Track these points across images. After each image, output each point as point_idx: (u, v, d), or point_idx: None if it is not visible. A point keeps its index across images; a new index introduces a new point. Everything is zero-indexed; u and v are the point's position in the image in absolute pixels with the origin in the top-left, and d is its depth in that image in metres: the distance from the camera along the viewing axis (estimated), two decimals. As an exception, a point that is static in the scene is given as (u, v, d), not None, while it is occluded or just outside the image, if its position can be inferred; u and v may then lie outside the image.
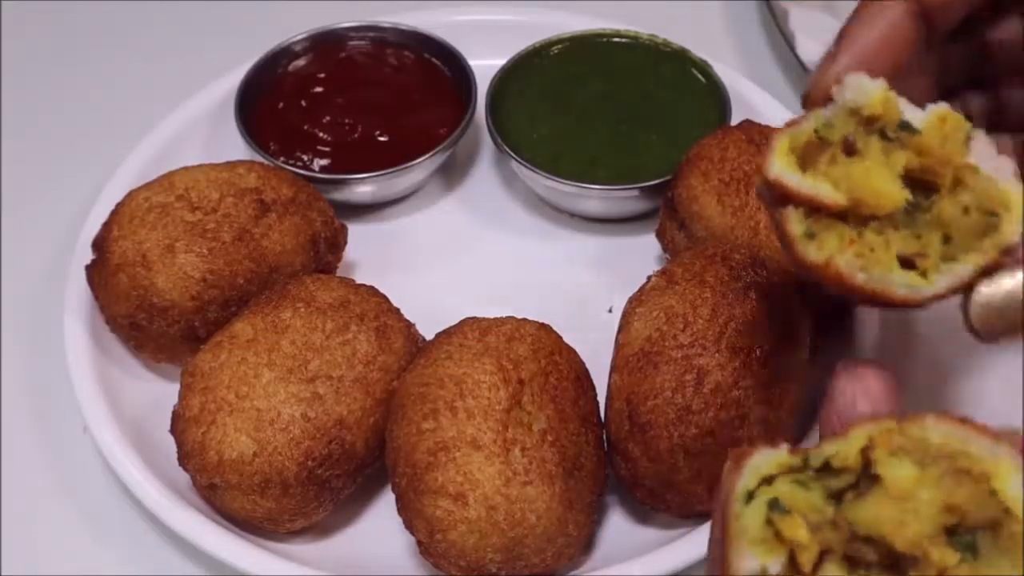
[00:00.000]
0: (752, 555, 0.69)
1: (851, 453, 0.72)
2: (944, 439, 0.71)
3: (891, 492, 0.70)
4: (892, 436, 0.72)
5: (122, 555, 1.17)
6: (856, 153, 0.82)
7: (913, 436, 0.72)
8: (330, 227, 1.28)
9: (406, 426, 1.06)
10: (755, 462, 0.73)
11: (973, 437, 0.71)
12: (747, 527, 0.70)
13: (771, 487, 0.72)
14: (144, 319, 1.18)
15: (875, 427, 0.72)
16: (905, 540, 0.69)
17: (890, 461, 0.71)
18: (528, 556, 1.03)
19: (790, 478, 0.72)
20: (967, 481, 0.70)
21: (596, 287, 1.35)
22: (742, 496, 0.71)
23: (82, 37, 1.69)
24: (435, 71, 1.49)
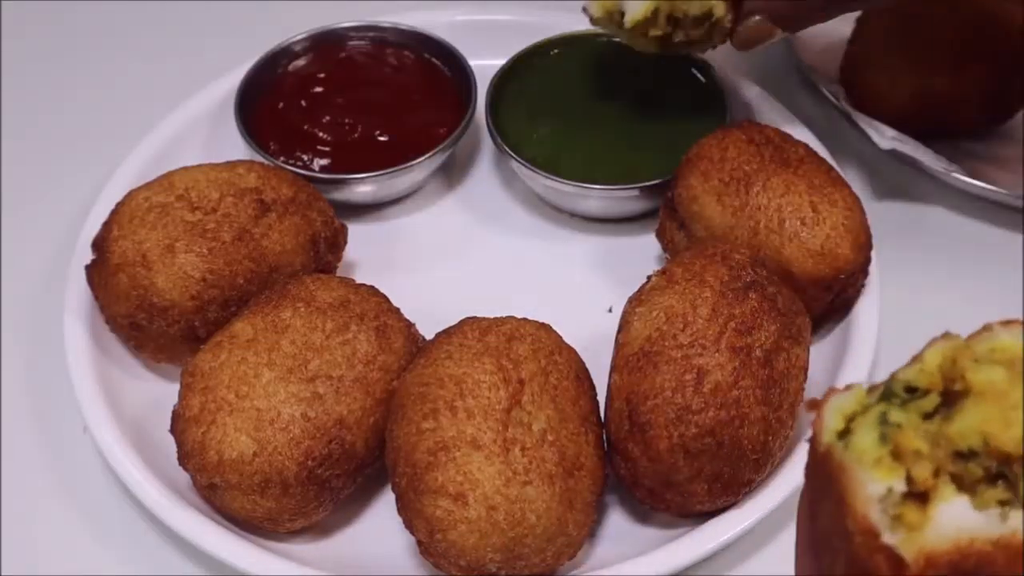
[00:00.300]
0: (875, 478, 0.65)
1: (932, 371, 0.69)
2: (1016, 343, 0.69)
3: (987, 396, 0.67)
4: (966, 350, 0.69)
5: (122, 555, 1.17)
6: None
7: (985, 347, 0.69)
8: (330, 227, 1.28)
9: (406, 426, 1.06)
10: (835, 403, 0.69)
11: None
12: (863, 450, 0.66)
13: (859, 418, 0.68)
14: (144, 319, 1.18)
15: (946, 344, 0.70)
16: (1014, 439, 0.66)
17: (977, 366, 0.68)
18: (528, 556, 1.03)
19: (878, 408, 0.69)
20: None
21: (596, 287, 1.35)
22: (834, 437, 0.68)
23: (82, 37, 1.69)
24: (435, 71, 1.49)
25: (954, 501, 0.66)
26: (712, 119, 1.40)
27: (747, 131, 1.29)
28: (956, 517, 0.66)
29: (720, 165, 1.25)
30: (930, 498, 0.66)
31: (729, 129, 1.30)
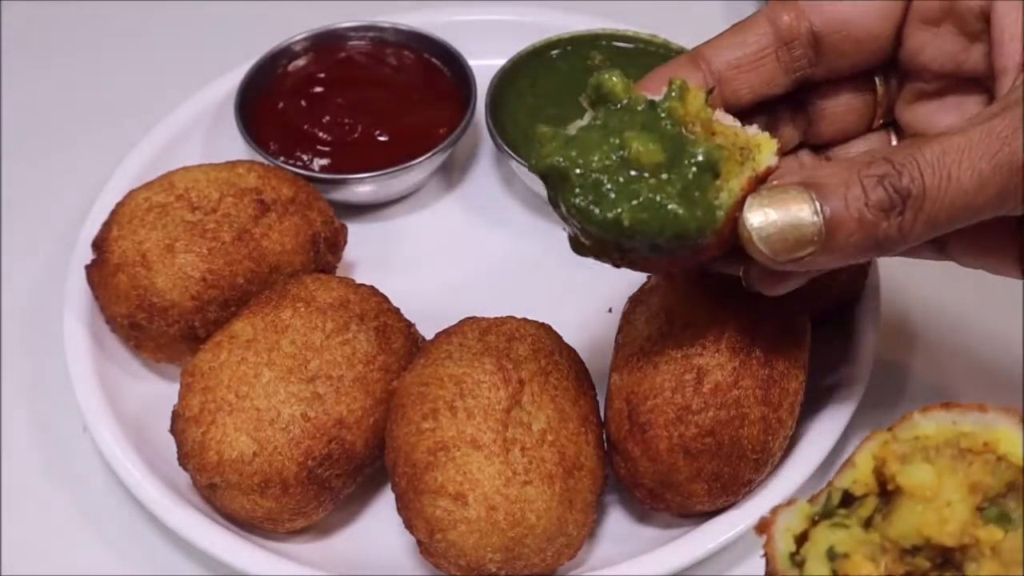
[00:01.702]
0: None
1: (866, 477, 0.72)
2: (937, 428, 0.72)
3: (919, 496, 0.70)
4: (892, 445, 0.72)
5: (122, 555, 1.17)
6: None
7: (909, 437, 0.72)
8: (330, 227, 1.28)
9: (406, 426, 1.06)
10: (783, 525, 0.72)
11: (962, 416, 0.72)
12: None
13: (810, 541, 0.72)
14: (144, 319, 1.18)
15: (875, 444, 0.72)
16: (951, 535, 0.69)
17: (905, 470, 0.71)
18: (528, 556, 1.03)
19: (825, 525, 0.72)
20: (975, 459, 0.70)
21: (596, 287, 1.35)
22: (787, 561, 0.71)
23: (82, 37, 1.69)
24: (435, 71, 1.49)
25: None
26: (712, 119, 1.40)
27: (747, 131, 1.28)
28: None
29: None
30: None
31: (729, 129, 1.30)
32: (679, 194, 0.91)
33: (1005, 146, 0.86)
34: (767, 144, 0.94)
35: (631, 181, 0.92)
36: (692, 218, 0.91)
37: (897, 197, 0.86)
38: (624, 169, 0.92)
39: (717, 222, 0.91)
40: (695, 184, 0.91)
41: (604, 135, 0.94)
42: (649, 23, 1.50)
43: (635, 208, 0.91)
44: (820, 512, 0.73)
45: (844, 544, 0.71)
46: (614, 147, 0.93)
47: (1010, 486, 0.70)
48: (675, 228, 0.91)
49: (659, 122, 0.93)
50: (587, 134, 0.94)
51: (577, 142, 0.94)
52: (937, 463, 0.71)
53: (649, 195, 0.91)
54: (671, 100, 0.93)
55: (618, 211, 0.91)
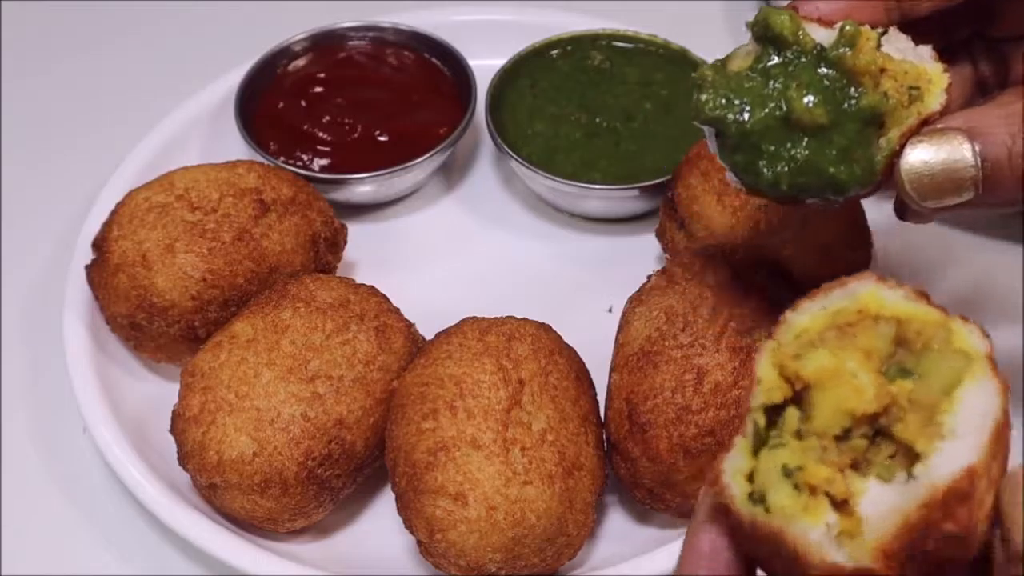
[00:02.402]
0: (811, 525, 0.68)
1: (774, 384, 0.72)
2: (811, 318, 0.73)
3: (826, 380, 0.71)
4: (780, 350, 0.73)
5: (122, 555, 1.17)
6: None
7: (791, 337, 0.73)
8: (330, 227, 1.28)
9: (406, 426, 1.06)
10: (731, 469, 0.72)
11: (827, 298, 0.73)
12: (784, 508, 0.68)
13: (759, 473, 0.71)
14: (144, 319, 1.18)
15: (766, 355, 0.73)
16: (869, 401, 0.70)
17: (802, 363, 0.71)
18: (528, 556, 1.03)
19: (765, 452, 0.71)
20: (856, 329, 0.72)
21: (596, 287, 1.35)
22: (747, 502, 0.70)
23: (82, 37, 1.69)
24: (435, 71, 1.49)
25: (868, 489, 0.68)
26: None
27: (747, 131, 1.28)
28: (876, 502, 0.68)
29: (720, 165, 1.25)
30: (851, 502, 0.68)
31: (729, 129, 1.30)
32: (840, 154, 0.89)
33: None
34: (937, 81, 0.90)
35: (792, 143, 0.90)
36: (852, 177, 0.89)
37: None
38: (785, 129, 0.90)
39: (877, 173, 0.90)
40: (857, 141, 0.89)
41: (767, 88, 0.91)
42: (649, 23, 1.50)
43: (794, 172, 0.90)
44: (754, 441, 0.72)
45: (792, 459, 0.70)
46: (776, 103, 0.90)
47: (898, 340, 0.71)
48: (835, 187, 0.90)
49: (826, 76, 0.89)
50: (750, 83, 0.91)
51: (738, 91, 0.91)
52: (827, 345, 0.71)
53: (810, 159, 0.89)
54: (840, 49, 0.89)
55: (776, 174, 0.90)
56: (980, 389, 0.70)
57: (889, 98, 0.89)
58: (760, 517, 0.69)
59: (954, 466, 0.67)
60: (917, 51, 0.92)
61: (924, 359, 0.71)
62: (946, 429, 0.68)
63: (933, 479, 0.67)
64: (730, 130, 0.91)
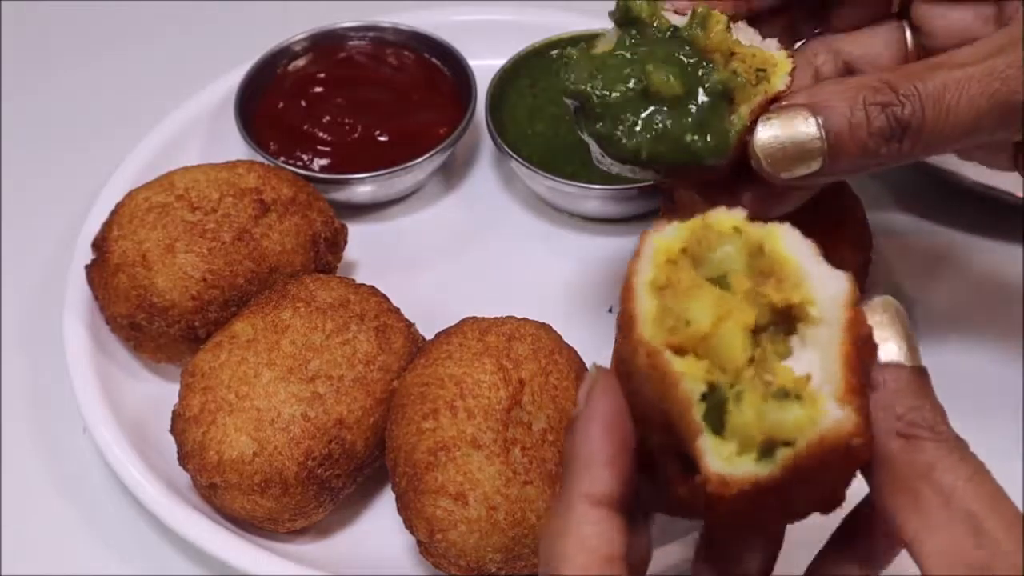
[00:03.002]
0: (829, 411, 0.71)
1: (700, 372, 0.72)
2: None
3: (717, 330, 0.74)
4: (665, 334, 0.74)
5: (122, 555, 1.17)
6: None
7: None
8: (330, 227, 1.28)
9: (406, 426, 1.06)
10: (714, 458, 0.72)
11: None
12: (807, 418, 0.71)
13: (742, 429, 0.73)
14: (144, 319, 1.18)
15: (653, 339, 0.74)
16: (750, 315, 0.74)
17: (691, 328, 0.73)
18: (528, 556, 1.03)
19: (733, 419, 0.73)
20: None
21: (596, 287, 1.35)
22: (760, 463, 0.71)
23: (82, 37, 1.69)
24: (435, 71, 1.49)
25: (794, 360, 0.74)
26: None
27: (747, 131, 1.28)
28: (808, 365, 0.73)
29: None
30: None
31: (729, 129, 1.30)
32: (695, 124, 0.96)
33: (1004, 85, 0.91)
34: (782, 65, 0.98)
35: (650, 113, 0.97)
36: (707, 146, 0.96)
37: (897, 127, 0.92)
38: (644, 100, 0.97)
39: (730, 145, 0.96)
40: (711, 113, 0.96)
41: (627, 64, 0.98)
42: (649, 23, 1.50)
43: (653, 140, 0.96)
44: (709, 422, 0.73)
45: (759, 395, 0.72)
46: (636, 77, 0.97)
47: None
48: (691, 156, 0.96)
49: (680, 52, 0.97)
50: (611, 60, 0.99)
51: (601, 69, 0.99)
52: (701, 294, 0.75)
53: (667, 127, 0.96)
54: (693, 29, 0.97)
55: (637, 142, 0.96)
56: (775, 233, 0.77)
57: (738, 75, 0.96)
58: (785, 457, 0.70)
59: (835, 283, 0.74)
60: (764, 43, 1.00)
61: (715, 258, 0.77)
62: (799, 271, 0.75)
63: (832, 305, 0.73)
64: (592, 101, 0.98)
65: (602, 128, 0.98)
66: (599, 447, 0.74)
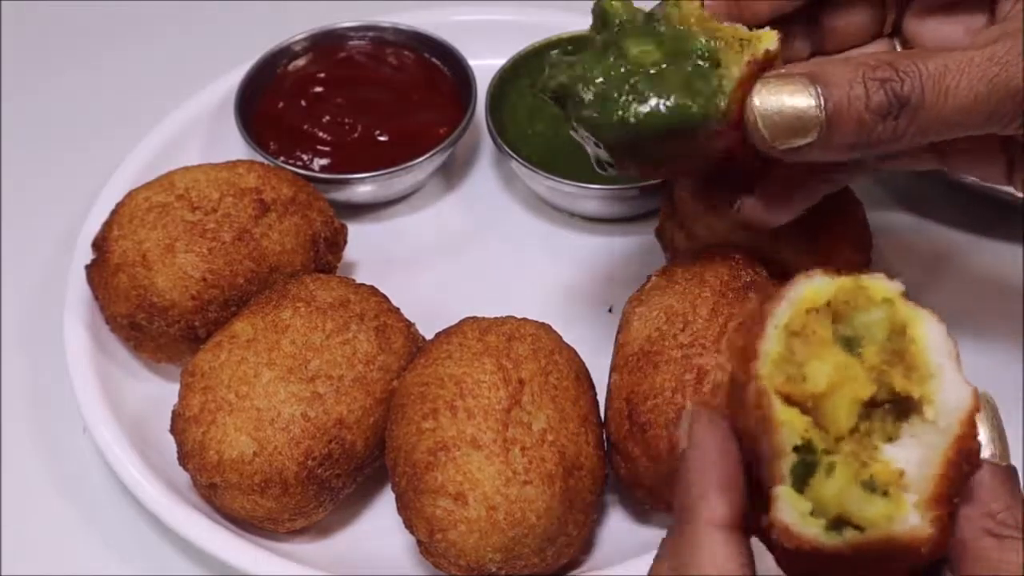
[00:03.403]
0: (905, 516, 0.71)
1: (799, 421, 0.73)
2: (777, 342, 0.75)
3: (834, 388, 0.73)
4: (772, 380, 0.74)
5: (122, 555, 1.17)
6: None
7: (769, 362, 0.74)
8: (330, 227, 1.28)
9: (406, 426, 1.06)
10: (789, 516, 0.73)
11: (774, 316, 0.76)
12: (883, 514, 0.71)
13: (826, 501, 0.73)
14: (144, 319, 1.18)
15: (772, 391, 0.73)
16: (868, 383, 0.73)
17: (807, 383, 0.73)
18: (528, 556, 1.03)
19: (820, 481, 0.73)
20: (807, 326, 0.75)
21: (596, 287, 1.35)
22: (829, 533, 0.72)
23: (82, 37, 1.69)
24: (435, 71, 1.49)
25: (889, 455, 0.73)
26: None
27: (747, 131, 1.28)
28: (906, 461, 0.72)
29: None
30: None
31: (729, 129, 1.30)
32: (680, 85, 0.95)
33: (1003, 71, 0.91)
34: (767, 35, 0.97)
35: (633, 83, 0.96)
36: (695, 104, 0.94)
37: (896, 103, 0.91)
38: (626, 75, 0.96)
39: (722, 107, 0.95)
40: (695, 74, 0.95)
41: (604, 49, 0.99)
42: (649, 23, 1.50)
43: (638, 105, 0.95)
44: (793, 480, 0.73)
45: (856, 472, 0.72)
46: (616, 58, 0.97)
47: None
48: (680, 117, 0.95)
49: (656, 27, 0.98)
50: (589, 51, 1.00)
51: (582, 61, 0.99)
52: (801, 355, 0.74)
53: (650, 90, 0.95)
54: (668, 7, 0.98)
55: (621, 112, 0.95)
56: (923, 320, 0.75)
57: (720, 39, 0.96)
58: (856, 539, 0.71)
59: (960, 394, 0.72)
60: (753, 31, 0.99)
61: (856, 322, 0.75)
62: (931, 367, 0.73)
63: (950, 414, 0.72)
64: (575, 89, 0.98)
65: (588, 112, 0.97)
66: (712, 476, 0.76)
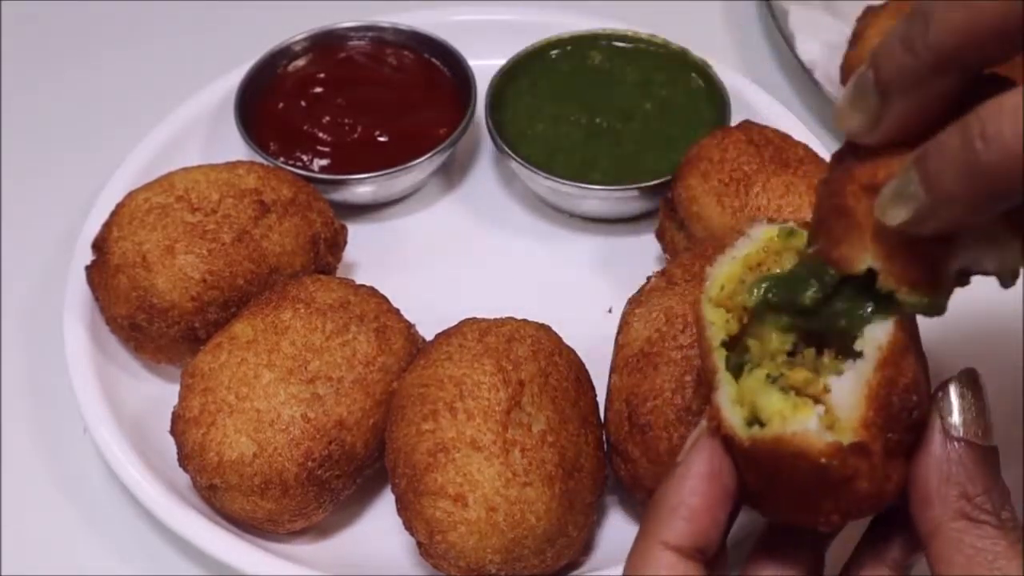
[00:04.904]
0: (804, 418, 0.76)
1: (729, 322, 0.83)
2: (729, 268, 0.86)
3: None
4: (717, 295, 0.83)
5: (122, 555, 1.17)
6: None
7: (716, 285, 0.85)
8: (330, 227, 1.28)
9: (406, 427, 1.06)
10: (724, 398, 0.80)
11: (733, 247, 0.87)
12: (779, 410, 0.77)
13: (746, 393, 0.80)
14: (144, 320, 1.18)
15: (708, 301, 0.84)
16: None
17: (744, 297, 0.82)
18: (528, 557, 1.03)
19: (745, 377, 0.81)
20: (767, 263, 0.84)
21: (596, 287, 1.35)
22: (745, 427, 0.78)
23: (82, 37, 1.69)
24: (435, 71, 1.49)
25: (830, 382, 0.77)
26: (711, 119, 1.40)
27: (747, 131, 1.29)
28: (840, 388, 0.76)
29: (720, 166, 1.25)
30: (822, 397, 0.77)
31: (729, 129, 1.30)
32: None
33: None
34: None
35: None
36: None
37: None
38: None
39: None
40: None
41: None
42: (649, 23, 1.50)
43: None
44: (734, 370, 0.80)
45: (772, 370, 0.78)
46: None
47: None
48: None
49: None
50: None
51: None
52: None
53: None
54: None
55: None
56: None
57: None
58: (759, 434, 0.76)
59: (886, 324, 0.76)
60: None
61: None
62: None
63: (874, 340, 0.76)
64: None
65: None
66: (686, 500, 0.78)
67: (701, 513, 0.78)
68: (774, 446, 0.75)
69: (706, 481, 0.78)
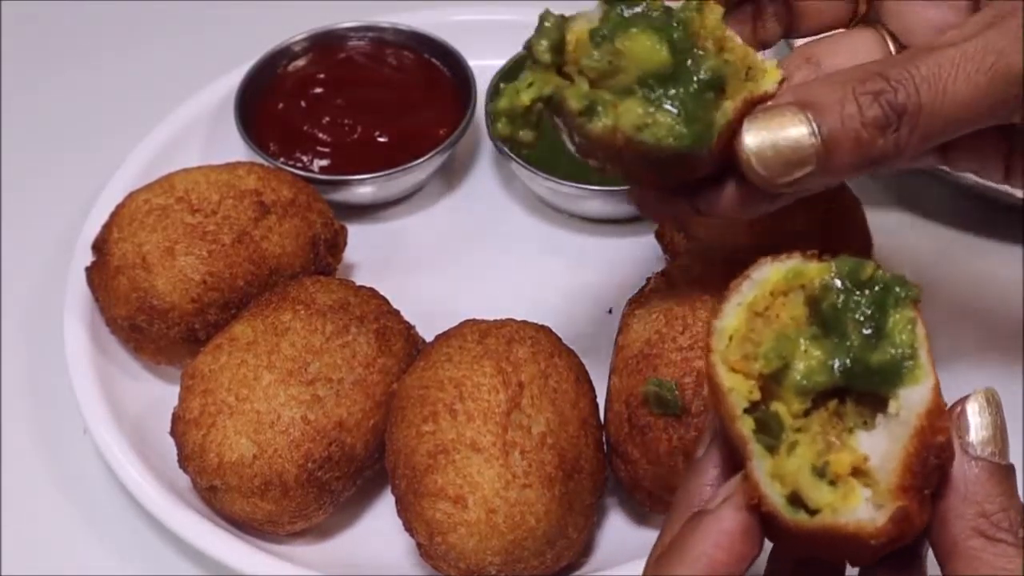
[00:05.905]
0: (854, 507, 0.72)
1: (750, 388, 0.76)
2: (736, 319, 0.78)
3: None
4: (728, 355, 0.77)
5: (122, 556, 1.17)
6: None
7: (724, 338, 0.78)
8: (330, 228, 1.28)
9: (406, 428, 1.06)
10: (761, 473, 0.75)
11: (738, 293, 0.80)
12: (830, 503, 0.73)
13: (787, 477, 0.75)
14: (144, 321, 1.18)
15: (722, 363, 0.77)
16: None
17: (758, 360, 0.76)
18: (528, 559, 1.03)
19: (782, 457, 0.75)
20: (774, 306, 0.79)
21: (596, 288, 1.35)
22: (789, 507, 0.74)
23: (82, 37, 1.69)
24: (435, 71, 1.48)
25: (860, 442, 0.75)
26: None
27: (747, 132, 1.28)
28: (873, 450, 0.74)
29: None
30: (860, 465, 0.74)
31: (729, 130, 1.30)
32: (680, 110, 0.88)
33: (1002, 58, 0.85)
34: (772, 73, 0.92)
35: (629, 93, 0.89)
36: (689, 135, 0.88)
37: (893, 114, 0.86)
38: (624, 75, 0.89)
39: (713, 139, 0.89)
40: (697, 100, 0.89)
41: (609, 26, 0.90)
42: (649, 23, 1.50)
43: (633, 125, 0.88)
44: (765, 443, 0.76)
45: (812, 455, 0.74)
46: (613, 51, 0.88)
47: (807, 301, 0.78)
48: (673, 148, 0.88)
49: (672, 29, 0.89)
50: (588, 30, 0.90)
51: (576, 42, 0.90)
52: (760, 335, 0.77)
53: (644, 108, 0.88)
54: (688, 10, 0.91)
55: (612, 125, 0.88)
56: (902, 313, 0.76)
57: (731, 64, 0.90)
58: (807, 522, 0.73)
59: (924, 389, 0.74)
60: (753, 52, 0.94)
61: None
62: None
63: (912, 407, 0.73)
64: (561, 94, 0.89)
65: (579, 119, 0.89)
66: (709, 552, 0.75)
67: (722, 566, 0.75)
68: (823, 530, 0.73)
69: (737, 540, 0.75)
